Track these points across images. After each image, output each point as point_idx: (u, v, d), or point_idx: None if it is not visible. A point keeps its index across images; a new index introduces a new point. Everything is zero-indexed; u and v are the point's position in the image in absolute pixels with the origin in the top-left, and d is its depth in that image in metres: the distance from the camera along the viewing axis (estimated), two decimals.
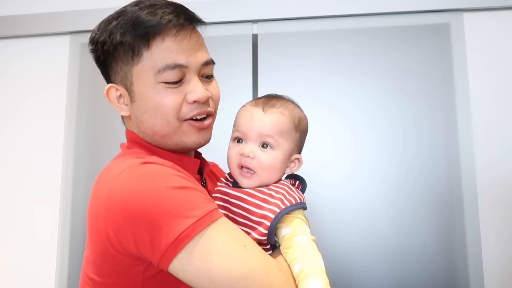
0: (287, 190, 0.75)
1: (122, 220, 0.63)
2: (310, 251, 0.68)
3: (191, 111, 0.74)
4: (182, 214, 0.62)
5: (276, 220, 0.70)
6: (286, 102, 0.82)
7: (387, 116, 1.49)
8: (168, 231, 0.61)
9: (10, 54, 1.73)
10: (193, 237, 0.61)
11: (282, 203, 0.72)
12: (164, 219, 0.61)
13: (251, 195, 0.74)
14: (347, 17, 1.55)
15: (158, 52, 0.71)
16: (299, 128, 0.81)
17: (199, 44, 0.76)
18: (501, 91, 1.45)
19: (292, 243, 0.69)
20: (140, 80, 0.73)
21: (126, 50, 0.72)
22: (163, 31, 0.70)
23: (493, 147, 1.43)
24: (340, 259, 1.44)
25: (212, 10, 1.57)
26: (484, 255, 1.38)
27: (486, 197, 1.41)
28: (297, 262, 0.67)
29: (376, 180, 1.46)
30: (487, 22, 1.48)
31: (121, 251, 0.65)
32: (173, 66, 0.71)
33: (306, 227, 0.72)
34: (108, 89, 0.77)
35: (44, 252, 1.59)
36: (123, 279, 0.68)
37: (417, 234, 1.41)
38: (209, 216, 0.63)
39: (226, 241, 0.64)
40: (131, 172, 0.66)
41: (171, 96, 0.72)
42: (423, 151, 1.45)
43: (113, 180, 0.66)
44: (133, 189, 0.63)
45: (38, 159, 1.65)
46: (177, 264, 0.62)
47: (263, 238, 0.70)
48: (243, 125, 0.79)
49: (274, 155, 0.77)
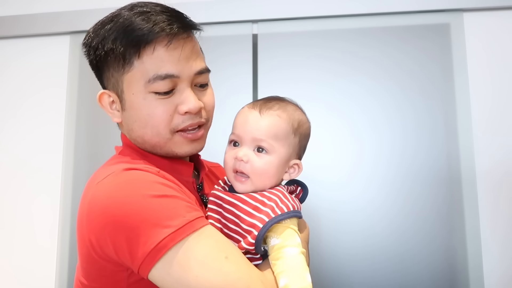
0: (280, 197, 0.72)
1: (102, 227, 0.63)
2: (298, 265, 0.65)
3: (183, 123, 0.72)
4: (160, 224, 0.61)
5: (264, 230, 0.67)
6: (286, 105, 0.79)
7: (387, 116, 1.49)
8: (146, 241, 0.60)
9: (10, 54, 1.73)
10: (171, 247, 0.60)
11: (272, 212, 0.69)
12: (142, 228, 0.60)
13: (243, 201, 0.72)
14: (347, 17, 1.55)
15: (149, 61, 0.68)
16: (299, 132, 0.78)
17: (193, 52, 0.73)
18: (501, 90, 1.45)
19: (280, 255, 0.66)
20: (131, 89, 0.71)
21: (117, 57, 0.70)
22: (155, 39, 0.68)
23: (493, 147, 1.43)
24: (341, 259, 1.43)
25: (212, 10, 1.57)
26: (484, 254, 1.38)
27: (486, 197, 1.41)
28: (283, 276, 0.64)
29: (376, 180, 1.46)
30: (487, 22, 1.48)
31: (104, 257, 0.65)
32: (164, 76, 0.69)
33: (297, 238, 0.69)
34: (101, 95, 0.77)
35: (44, 252, 1.59)
36: (108, 284, 0.69)
37: (417, 234, 1.41)
38: (189, 225, 0.62)
39: (207, 252, 0.62)
40: (114, 179, 0.66)
41: (161, 107, 0.70)
42: (423, 150, 1.45)
43: (96, 186, 0.66)
44: (113, 196, 0.63)
45: (38, 159, 1.65)
46: (156, 273, 0.61)
47: (251, 247, 0.68)
48: (239, 128, 0.77)
49: (268, 159, 0.74)
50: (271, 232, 0.69)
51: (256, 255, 0.71)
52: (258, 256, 0.71)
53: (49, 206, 1.61)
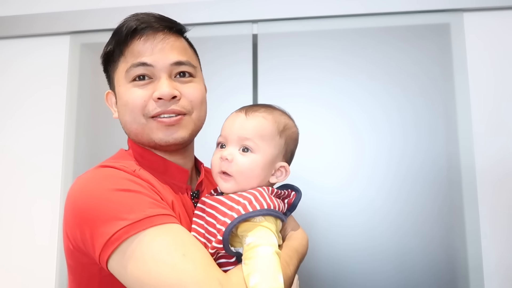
0: (256, 195, 0.70)
1: (72, 219, 0.67)
2: (270, 265, 0.62)
3: (155, 109, 0.75)
4: (118, 216, 0.62)
5: (231, 226, 0.65)
6: (272, 109, 0.79)
7: (387, 116, 1.49)
8: (103, 232, 0.62)
9: (10, 54, 1.73)
10: (125, 240, 0.61)
11: (244, 209, 0.67)
12: (102, 219, 0.63)
13: (221, 202, 0.72)
14: (347, 17, 1.55)
15: (128, 55, 0.77)
16: (284, 134, 0.78)
17: (172, 46, 0.78)
18: (501, 90, 1.45)
19: (253, 254, 0.63)
20: (118, 82, 0.79)
21: (110, 59, 0.81)
22: (131, 35, 0.76)
23: (493, 147, 1.43)
24: (341, 261, 1.43)
25: (212, 10, 1.57)
26: (484, 254, 1.38)
27: (486, 197, 1.41)
28: (253, 275, 0.60)
29: (376, 180, 1.46)
30: (487, 22, 1.48)
31: (76, 247, 0.68)
32: (137, 64, 0.75)
33: (272, 237, 0.66)
34: (107, 95, 0.86)
35: (44, 252, 1.59)
36: (83, 278, 0.72)
37: (417, 234, 1.41)
38: (147, 220, 0.62)
39: (164, 247, 0.61)
40: (87, 175, 0.71)
41: (137, 93, 0.76)
42: (423, 150, 1.45)
43: (75, 181, 0.71)
44: (82, 189, 0.68)
45: (38, 158, 1.65)
46: (113, 265, 0.63)
47: (219, 245, 0.66)
48: (225, 129, 0.78)
49: (253, 158, 0.74)
50: (245, 231, 0.67)
51: (230, 258, 0.69)
52: (233, 260, 0.69)
53: (49, 206, 1.61)
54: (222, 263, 0.69)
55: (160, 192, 0.72)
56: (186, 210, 0.79)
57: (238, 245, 0.69)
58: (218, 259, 0.69)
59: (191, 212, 0.79)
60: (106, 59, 0.82)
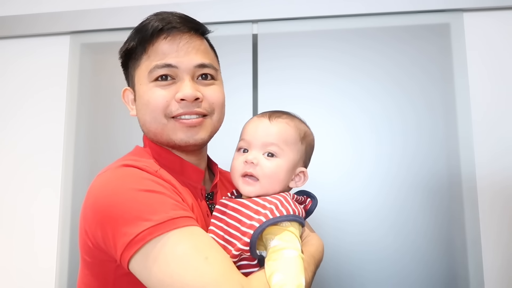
0: (281, 201, 0.72)
1: (92, 216, 0.67)
2: (295, 267, 0.63)
3: (177, 110, 0.76)
4: (142, 217, 0.62)
5: (260, 229, 0.67)
6: (293, 117, 0.82)
7: (387, 116, 1.49)
8: (126, 232, 0.62)
9: (10, 54, 1.73)
10: (149, 241, 0.61)
11: (271, 213, 0.69)
12: (125, 219, 0.63)
13: (246, 206, 0.73)
14: (347, 17, 1.55)
15: (152, 54, 0.77)
16: (305, 141, 0.81)
17: (197, 49, 0.78)
18: (500, 90, 1.45)
19: (279, 256, 0.65)
20: (139, 81, 0.79)
21: (132, 55, 0.80)
22: (156, 35, 0.76)
23: (493, 147, 1.43)
24: (340, 261, 1.43)
25: (212, 10, 1.57)
26: (484, 254, 1.38)
27: (486, 196, 1.41)
28: (277, 273, 0.62)
29: (376, 180, 1.46)
30: (487, 22, 1.48)
31: (95, 245, 0.68)
32: (162, 65, 0.75)
33: (297, 242, 0.68)
34: (124, 91, 0.85)
35: (44, 251, 1.59)
36: (98, 274, 0.72)
37: (417, 234, 1.41)
38: (171, 222, 0.63)
39: (187, 250, 0.62)
40: (109, 173, 0.70)
41: (159, 93, 0.76)
42: (423, 150, 1.45)
43: (95, 179, 0.72)
44: (104, 188, 0.68)
45: (38, 158, 1.65)
46: (134, 265, 0.63)
47: (246, 248, 0.67)
48: (249, 134, 0.79)
49: (278, 162, 0.76)
50: (270, 235, 0.68)
51: (253, 261, 0.70)
52: (255, 263, 0.70)
53: (49, 205, 1.61)
54: (243, 265, 0.70)
55: (182, 193, 0.73)
56: (202, 211, 0.79)
57: (261, 248, 0.70)
58: (240, 261, 0.70)
59: (206, 214, 0.80)
60: (126, 55, 0.82)
